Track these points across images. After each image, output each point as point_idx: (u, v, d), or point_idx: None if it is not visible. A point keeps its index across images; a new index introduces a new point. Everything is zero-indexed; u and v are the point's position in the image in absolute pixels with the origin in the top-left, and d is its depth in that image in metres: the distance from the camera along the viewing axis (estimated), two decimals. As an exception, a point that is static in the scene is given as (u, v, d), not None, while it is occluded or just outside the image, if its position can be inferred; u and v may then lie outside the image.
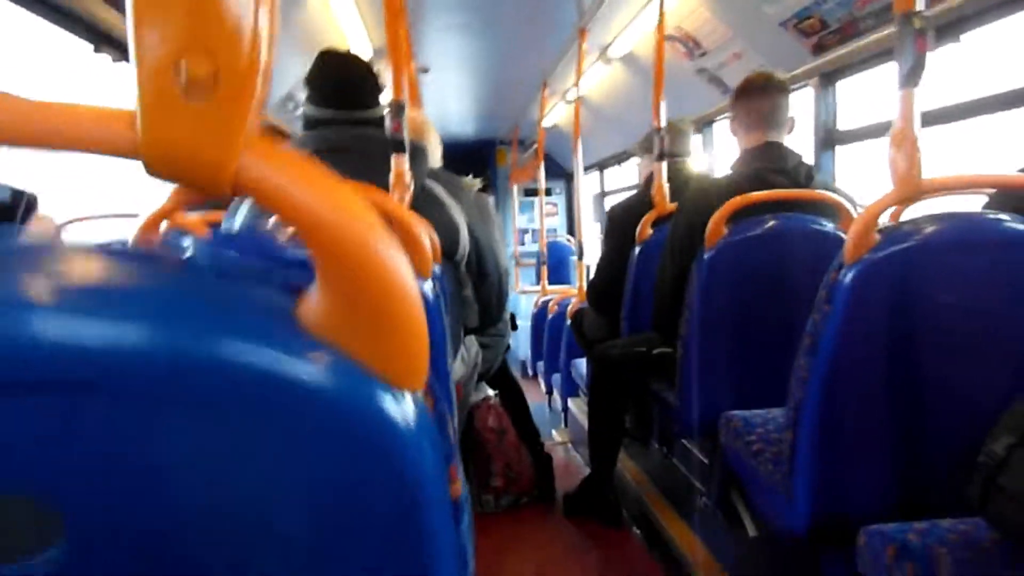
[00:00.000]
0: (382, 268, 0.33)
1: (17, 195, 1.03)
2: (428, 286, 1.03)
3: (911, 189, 1.15)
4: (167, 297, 0.33)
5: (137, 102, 0.30)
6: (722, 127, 4.07)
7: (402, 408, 0.34)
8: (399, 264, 0.33)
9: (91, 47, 2.08)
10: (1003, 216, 1.22)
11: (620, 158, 6.12)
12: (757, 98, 2.02)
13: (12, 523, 0.31)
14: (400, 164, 1.50)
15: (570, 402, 3.94)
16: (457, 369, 1.83)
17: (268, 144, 0.31)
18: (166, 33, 0.29)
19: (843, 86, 2.95)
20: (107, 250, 0.36)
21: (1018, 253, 1.19)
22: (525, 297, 6.24)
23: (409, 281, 0.34)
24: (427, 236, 1.39)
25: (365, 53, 3.94)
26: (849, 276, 1.19)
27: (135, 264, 0.35)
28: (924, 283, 1.19)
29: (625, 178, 6.38)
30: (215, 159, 0.30)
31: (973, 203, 1.62)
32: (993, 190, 1.55)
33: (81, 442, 0.30)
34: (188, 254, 0.38)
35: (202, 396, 0.31)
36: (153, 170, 0.30)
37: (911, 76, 1.13)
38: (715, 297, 1.87)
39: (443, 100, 6.05)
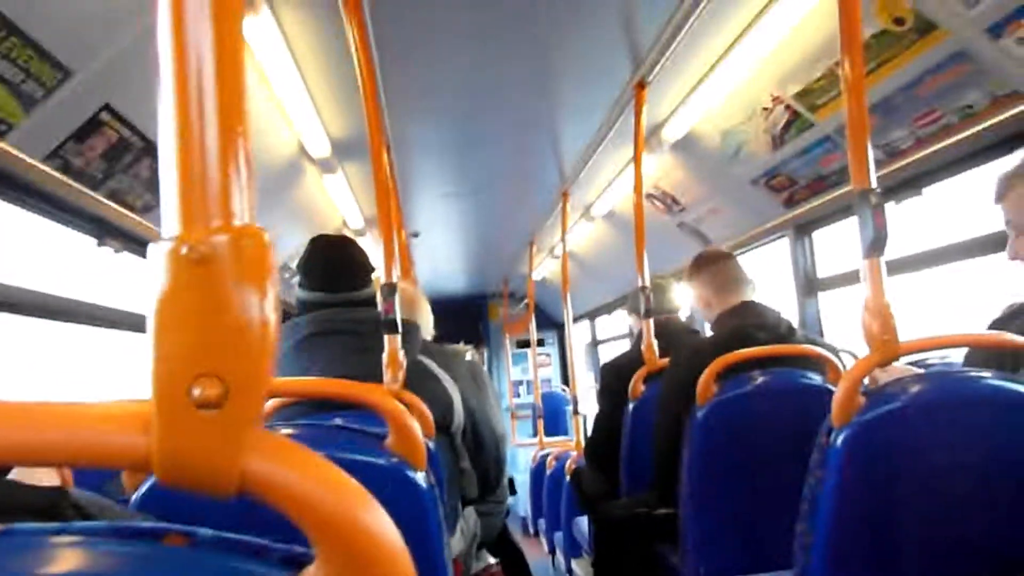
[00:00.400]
0: (380, 549, 0.34)
1: None
2: (421, 477, 1.04)
3: (888, 352, 1.19)
4: None
5: (153, 413, 0.33)
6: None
7: None
8: (395, 541, 0.35)
9: (95, 240, 2.17)
10: (985, 373, 1.26)
11: (609, 308, 6.23)
12: (719, 263, 2.15)
13: None
14: (393, 343, 1.54)
15: (574, 563, 3.81)
16: (455, 544, 1.79)
17: (269, 441, 0.34)
18: (180, 358, 0.32)
19: (821, 235, 3.08)
20: (109, 531, 0.38)
21: (1000, 409, 1.21)
22: (523, 450, 6.15)
23: (403, 552, 0.36)
24: (420, 414, 1.41)
25: (357, 222, 4.11)
26: (839, 440, 1.20)
27: (138, 547, 0.37)
28: (912, 443, 1.20)
29: (616, 327, 6.47)
30: (223, 465, 0.33)
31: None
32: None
33: None
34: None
35: None
36: (163, 476, 0.33)
37: (874, 247, 1.20)
38: (710, 456, 1.86)
39: (434, 260, 6.23)
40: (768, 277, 3.65)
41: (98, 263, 2.28)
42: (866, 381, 1.33)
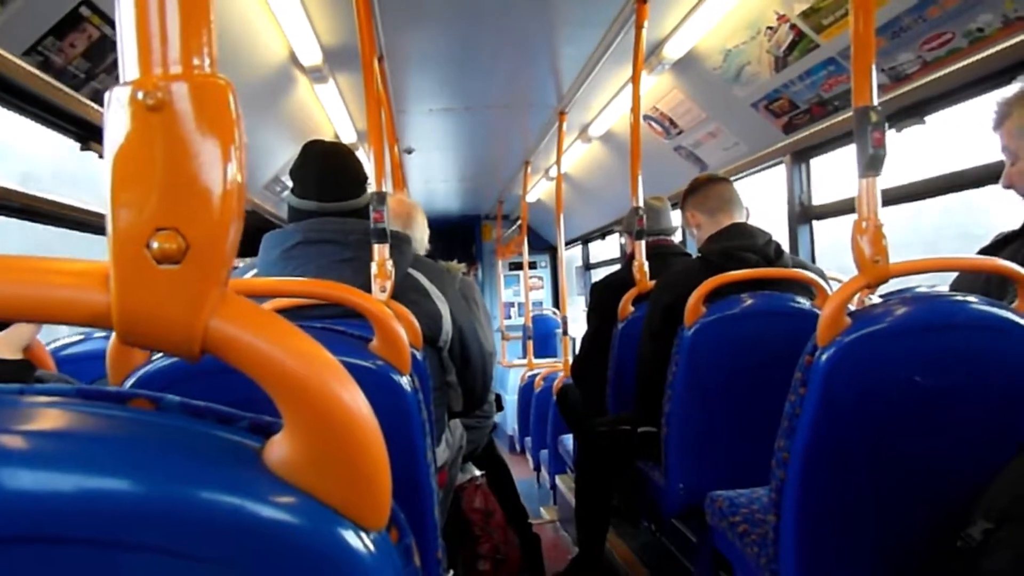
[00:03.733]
0: (346, 417, 0.34)
1: None
2: (405, 380, 1.04)
3: (877, 274, 1.19)
4: (135, 444, 0.34)
5: (111, 269, 0.32)
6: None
7: (367, 546, 0.35)
8: (363, 411, 0.35)
9: (78, 144, 2.12)
10: (971, 297, 1.26)
11: (603, 232, 6.21)
12: (711, 186, 2.14)
13: None
14: (382, 253, 1.52)
15: (558, 479, 3.90)
16: (441, 454, 1.82)
17: (236, 304, 0.33)
18: (138, 211, 0.31)
19: (819, 163, 3.05)
20: (76, 393, 0.37)
21: (984, 334, 1.22)
22: (512, 371, 6.23)
23: (372, 427, 0.35)
24: (407, 323, 1.41)
25: (350, 136, 4.04)
26: (822, 359, 1.21)
27: (105, 408, 0.36)
28: (895, 364, 1.21)
29: (609, 251, 6.47)
30: (184, 323, 0.32)
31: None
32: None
33: None
34: None
35: (171, 543, 0.32)
36: (125, 334, 0.32)
37: (870, 166, 1.18)
38: (696, 375, 1.88)
39: (428, 179, 6.17)
40: (763, 205, 3.63)
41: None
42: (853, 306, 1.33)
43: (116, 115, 0.32)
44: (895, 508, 1.25)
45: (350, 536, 0.35)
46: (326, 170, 1.64)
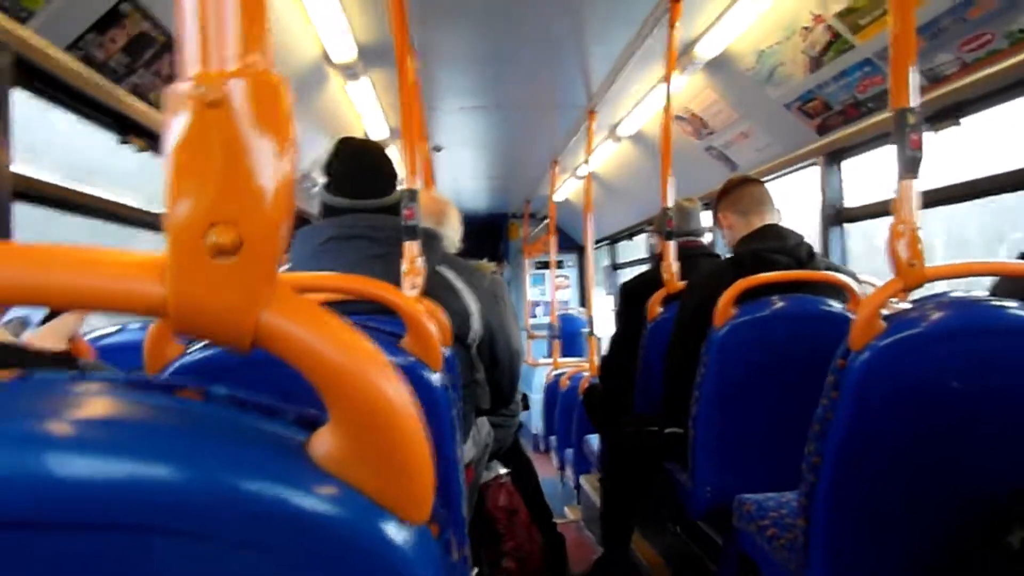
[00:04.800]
0: (393, 412, 0.35)
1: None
2: (436, 377, 1.05)
3: (913, 278, 1.17)
4: (184, 432, 0.35)
5: (168, 261, 0.32)
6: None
7: (408, 539, 0.35)
8: (408, 407, 0.35)
9: (117, 137, 2.16)
10: (1007, 302, 1.23)
11: (631, 231, 6.19)
12: (744, 187, 2.13)
13: None
14: (412, 251, 1.53)
15: (582, 479, 3.89)
16: (468, 451, 1.83)
17: (286, 298, 0.34)
18: (196, 205, 0.32)
19: (850, 165, 3.01)
20: (125, 381, 0.38)
21: (1021, 340, 1.20)
22: (538, 370, 6.22)
23: (416, 422, 0.36)
24: (438, 321, 1.42)
25: (381, 133, 4.06)
26: (855, 363, 1.20)
27: (154, 397, 0.37)
28: (930, 369, 1.19)
29: (636, 251, 6.44)
30: (237, 315, 0.33)
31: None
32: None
33: None
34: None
35: (214, 531, 0.32)
36: (179, 325, 0.33)
37: (908, 168, 1.17)
38: (725, 377, 1.87)
39: (456, 177, 6.18)
40: (794, 206, 3.60)
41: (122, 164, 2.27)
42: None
43: (176, 111, 0.32)
44: (928, 514, 1.23)
45: (393, 529, 0.35)
46: (360, 168, 1.66)
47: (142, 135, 2.23)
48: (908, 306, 1.26)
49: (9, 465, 0.31)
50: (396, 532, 0.35)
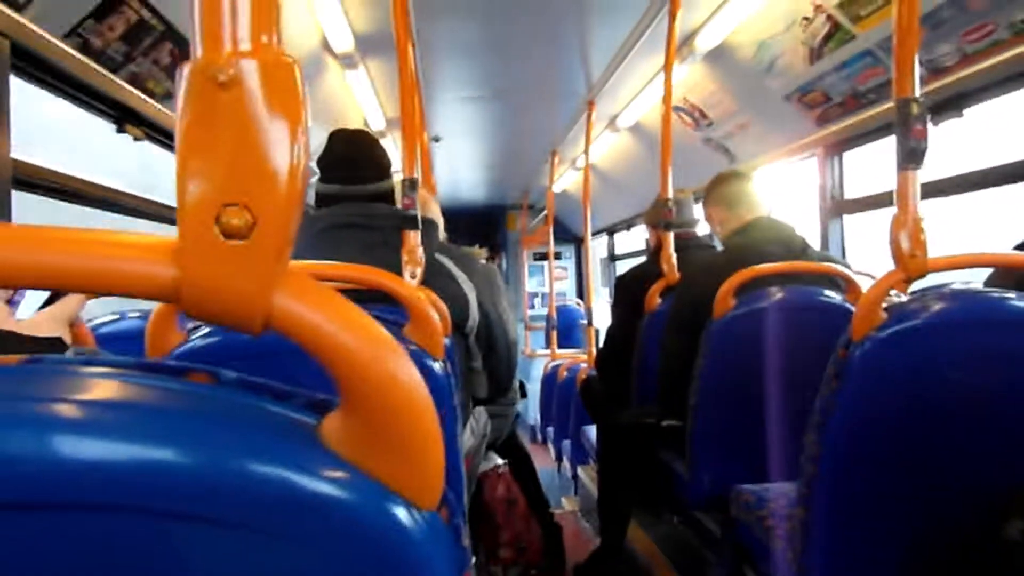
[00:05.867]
0: (406, 396, 0.34)
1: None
2: (438, 366, 1.05)
3: (915, 269, 1.17)
4: (194, 417, 0.34)
5: (180, 242, 0.32)
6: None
7: (419, 524, 0.35)
8: (421, 392, 0.35)
9: (114, 127, 2.15)
10: (1009, 294, 1.23)
11: (629, 223, 6.18)
12: (734, 182, 2.14)
13: None
14: (413, 240, 1.53)
15: (580, 470, 3.90)
16: (466, 440, 1.83)
17: (298, 281, 0.34)
18: (208, 187, 0.32)
19: (850, 155, 3.01)
20: (136, 365, 0.38)
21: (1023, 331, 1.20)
22: (535, 361, 6.23)
23: (429, 407, 0.36)
24: (438, 309, 1.42)
25: (379, 123, 4.05)
26: (856, 354, 1.20)
27: (162, 379, 0.37)
28: (932, 361, 1.19)
29: (634, 243, 6.44)
30: (250, 297, 0.32)
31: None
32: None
33: (112, 561, 0.32)
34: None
35: (226, 514, 0.32)
36: (191, 308, 0.32)
37: (910, 159, 1.16)
38: (723, 368, 1.87)
39: (454, 167, 6.17)
40: (790, 199, 3.60)
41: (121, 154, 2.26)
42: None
43: (186, 90, 0.32)
44: (928, 505, 1.23)
45: (404, 514, 0.35)
46: (349, 154, 1.67)
47: (139, 124, 2.22)
48: (907, 298, 1.26)
49: (20, 446, 0.30)
50: (408, 517, 0.35)
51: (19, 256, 0.31)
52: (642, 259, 2.81)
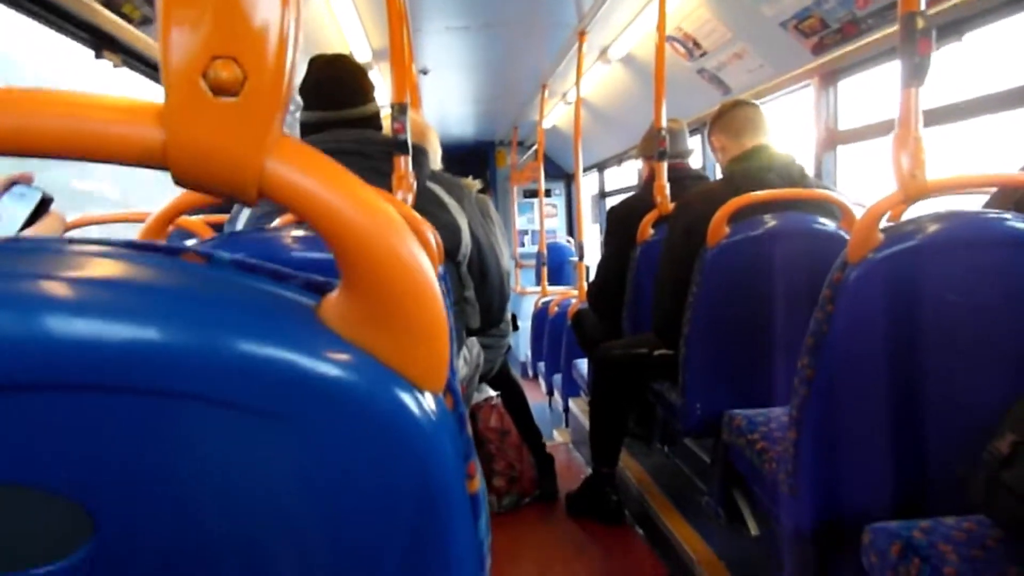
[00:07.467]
0: (408, 270, 0.33)
1: (47, 200, 1.00)
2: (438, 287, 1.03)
3: (915, 189, 1.16)
4: (190, 294, 0.33)
5: (165, 102, 0.30)
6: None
7: (425, 408, 0.34)
8: (424, 266, 0.33)
9: (92, 53, 2.08)
10: (1005, 215, 1.23)
11: (620, 158, 6.12)
12: (736, 110, 2.11)
13: (43, 523, 0.31)
14: (403, 165, 1.50)
15: (571, 402, 3.94)
16: (460, 370, 1.83)
17: (293, 146, 0.32)
18: (193, 38, 0.29)
19: (845, 85, 2.96)
20: (130, 246, 0.36)
21: (1021, 251, 1.19)
22: (526, 298, 6.24)
23: (433, 283, 0.34)
24: (431, 237, 1.40)
25: (364, 54, 3.95)
26: (853, 275, 1.19)
27: (158, 260, 0.35)
28: (928, 282, 1.19)
29: (625, 178, 6.39)
30: (241, 160, 0.30)
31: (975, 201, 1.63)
32: (993, 189, 1.56)
33: (107, 441, 0.30)
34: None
35: (225, 394, 0.31)
36: (180, 173, 0.30)
37: (914, 76, 1.14)
38: (718, 296, 1.87)
39: (442, 101, 6.05)
40: (786, 130, 3.56)
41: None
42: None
43: None
44: (920, 425, 1.25)
45: (408, 396, 0.34)
46: (327, 78, 1.64)
47: (118, 50, 2.15)
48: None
49: (6, 326, 0.29)
50: (411, 399, 0.34)
51: None
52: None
